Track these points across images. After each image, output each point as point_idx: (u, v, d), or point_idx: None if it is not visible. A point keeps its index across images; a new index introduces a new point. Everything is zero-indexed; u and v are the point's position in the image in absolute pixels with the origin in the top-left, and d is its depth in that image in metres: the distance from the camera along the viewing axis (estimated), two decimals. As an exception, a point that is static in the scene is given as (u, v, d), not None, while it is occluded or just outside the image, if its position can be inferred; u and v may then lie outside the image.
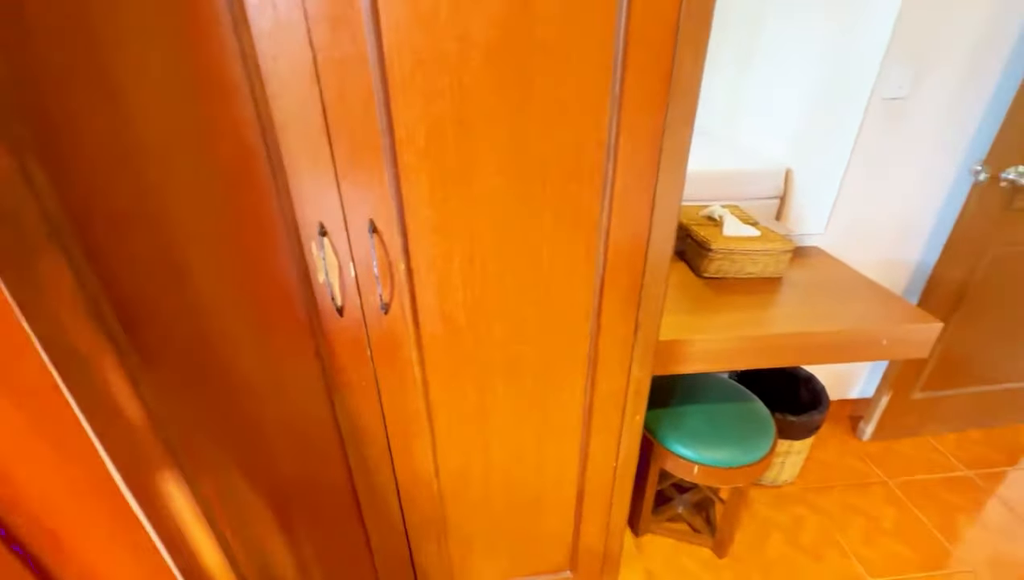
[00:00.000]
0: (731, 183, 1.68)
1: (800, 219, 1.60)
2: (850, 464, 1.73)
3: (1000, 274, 1.50)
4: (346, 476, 0.93)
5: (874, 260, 1.60)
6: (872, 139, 1.40)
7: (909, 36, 1.26)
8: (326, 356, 0.78)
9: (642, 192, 0.71)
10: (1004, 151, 1.30)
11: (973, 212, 1.38)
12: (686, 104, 0.65)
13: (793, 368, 1.65)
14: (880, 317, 1.15)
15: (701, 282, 1.30)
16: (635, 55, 0.61)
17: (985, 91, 1.35)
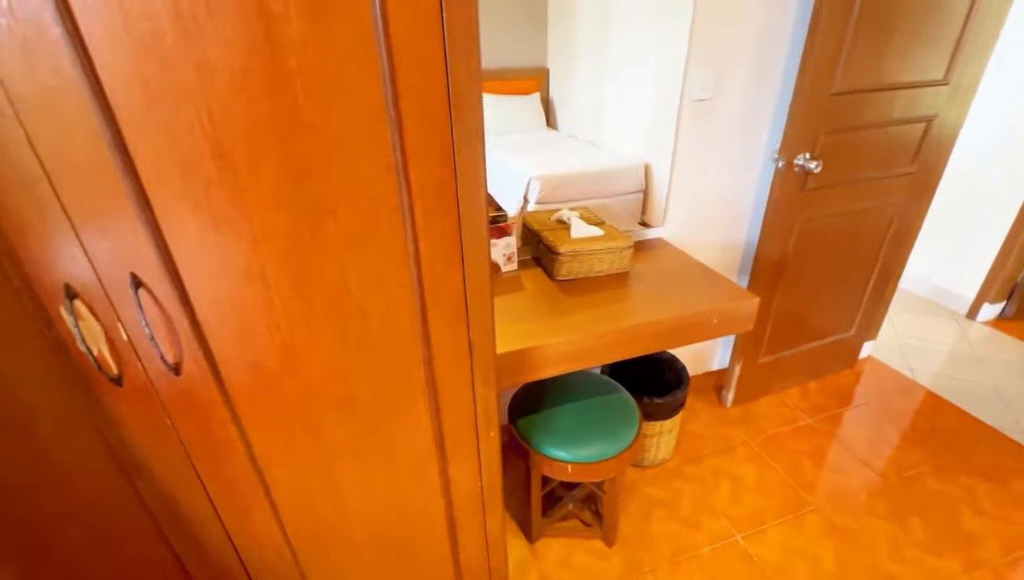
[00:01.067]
0: (600, 181, 1.77)
1: (655, 212, 1.72)
2: (718, 431, 1.90)
3: (806, 246, 1.73)
4: (175, 564, 0.81)
5: (711, 244, 1.76)
6: (689, 137, 1.54)
7: (704, 45, 1.41)
8: (111, 433, 0.67)
9: (445, 209, 0.69)
10: (793, 141, 1.49)
11: (777, 195, 1.57)
12: (471, 120, 0.65)
13: (654, 352, 1.77)
14: (710, 299, 1.27)
15: (555, 285, 1.34)
16: (405, 76, 0.59)
17: (772, 90, 1.55)
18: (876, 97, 1.53)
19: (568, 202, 1.70)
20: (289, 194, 0.61)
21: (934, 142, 1.73)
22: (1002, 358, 2.27)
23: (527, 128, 1.86)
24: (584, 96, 2.26)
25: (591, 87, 2.21)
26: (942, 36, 1.52)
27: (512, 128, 1.83)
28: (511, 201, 1.68)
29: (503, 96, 1.79)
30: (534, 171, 1.67)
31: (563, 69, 1.77)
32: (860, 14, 1.36)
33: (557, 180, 1.68)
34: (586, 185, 1.75)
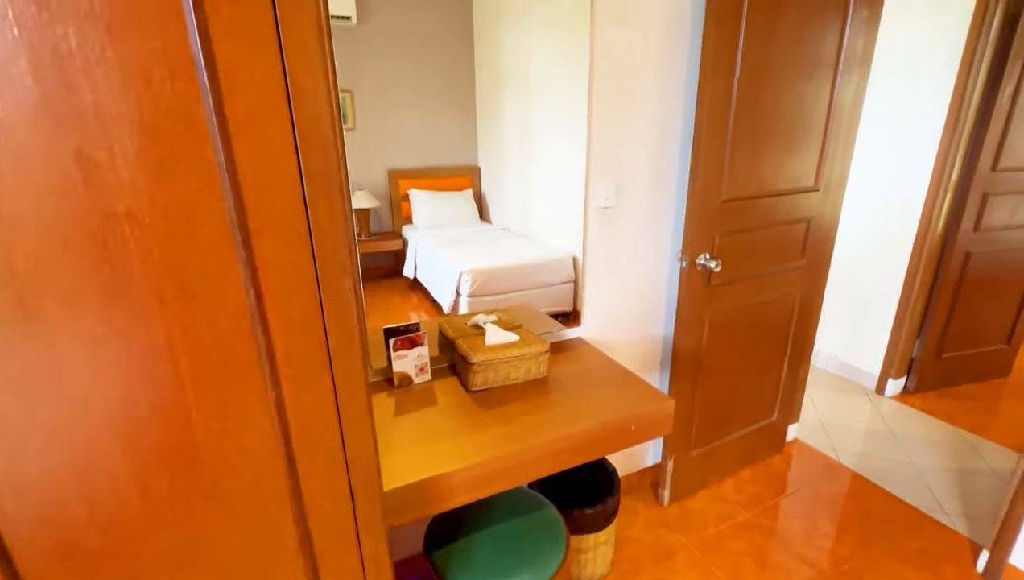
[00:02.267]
0: (531, 273, 1.78)
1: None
2: (656, 535, 1.81)
3: (719, 338, 1.79)
4: None
5: (629, 341, 1.79)
6: (599, 241, 1.61)
7: (603, 160, 1.52)
8: None
9: (311, 349, 0.63)
10: (692, 242, 1.59)
11: (685, 292, 1.64)
12: (339, 255, 0.62)
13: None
14: (628, 404, 1.24)
15: (470, 397, 1.28)
16: (255, 225, 0.56)
17: (670, 198, 1.68)
18: (761, 203, 1.69)
19: (500, 294, 1.69)
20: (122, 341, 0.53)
21: (816, 239, 1.91)
22: (913, 433, 2.38)
23: (461, 222, 1.89)
24: (513, 192, 2.35)
25: (519, 184, 2.31)
26: (807, 149, 1.74)
27: (447, 222, 1.85)
28: (445, 294, 1.65)
29: (438, 192, 1.82)
30: (466, 265, 1.66)
31: (493, 167, 1.84)
32: (734, 133, 1.53)
33: (488, 273, 1.68)
34: (517, 277, 1.76)
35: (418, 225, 1.66)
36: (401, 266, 1.56)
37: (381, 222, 1.48)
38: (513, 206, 2.42)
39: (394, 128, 1.39)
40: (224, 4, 0.49)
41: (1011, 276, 2.63)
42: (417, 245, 1.67)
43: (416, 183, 1.59)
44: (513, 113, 1.76)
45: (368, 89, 1.29)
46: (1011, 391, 2.74)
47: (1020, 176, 2.41)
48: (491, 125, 1.73)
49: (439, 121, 1.56)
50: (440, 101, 1.50)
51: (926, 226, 2.43)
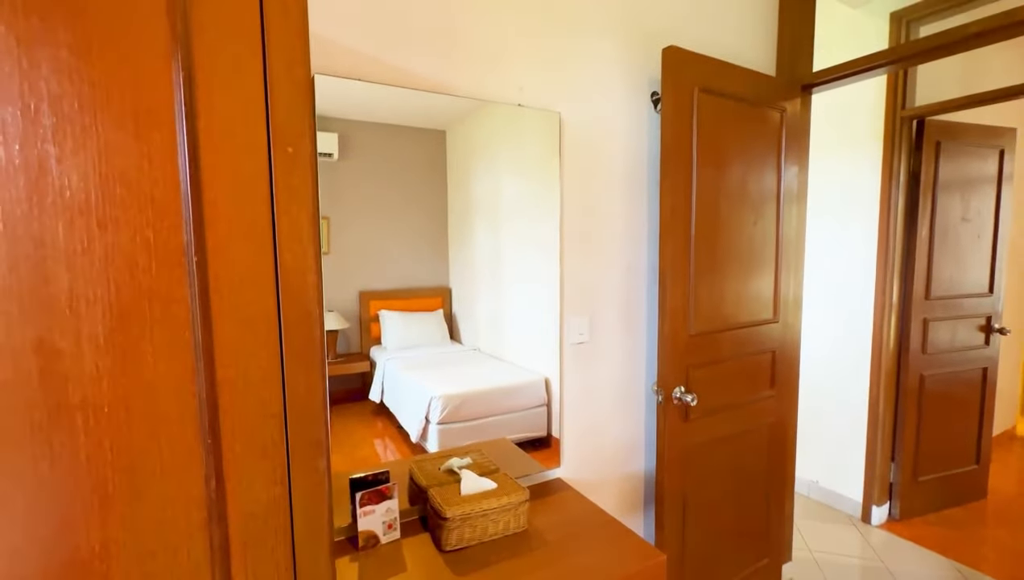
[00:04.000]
0: (503, 397, 1.71)
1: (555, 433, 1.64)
2: None
3: (700, 473, 1.73)
4: None
5: (611, 480, 1.70)
6: (575, 375, 1.60)
7: (575, 297, 1.57)
8: None
9: (276, 544, 0.56)
10: (666, 376, 1.60)
11: (663, 426, 1.61)
12: (314, 431, 0.57)
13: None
14: (616, 563, 1.14)
15: (443, 560, 1.14)
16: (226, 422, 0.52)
17: (641, 334, 1.72)
18: (728, 335, 1.75)
19: (472, 421, 1.61)
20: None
21: (782, 368, 1.96)
22: (909, 569, 2.26)
23: (431, 342, 1.85)
24: (484, 314, 2.36)
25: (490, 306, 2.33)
26: (763, 282, 1.85)
27: (417, 342, 1.81)
28: (413, 421, 1.56)
29: (409, 313, 1.80)
30: (437, 390, 1.60)
31: (465, 288, 1.86)
32: (696, 271, 1.63)
33: (460, 398, 1.62)
34: (489, 402, 1.69)
35: (387, 346, 1.63)
36: (367, 388, 1.49)
37: (349, 343, 1.44)
38: (484, 327, 2.43)
39: (368, 251, 1.42)
40: (222, 197, 0.50)
41: (966, 396, 2.73)
42: (385, 367, 1.62)
43: (387, 304, 1.59)
44: (484, 240, 1.84)
45: (345, 215, 1.34)
46: (992, 515, 2.69)
47: (951, 303, 2.63)
48: (462, 250, 1.80)
49: (412, 245, 1.61)
50: (413, 226, 1.56)
51: (879, 350, 2.55)
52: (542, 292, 1.68)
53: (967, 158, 2.59)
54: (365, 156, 1.38)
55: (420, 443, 1.51)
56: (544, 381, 1.88)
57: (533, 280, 1.74)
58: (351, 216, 1.37)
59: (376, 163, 1.41)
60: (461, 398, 1.65)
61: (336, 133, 1.32)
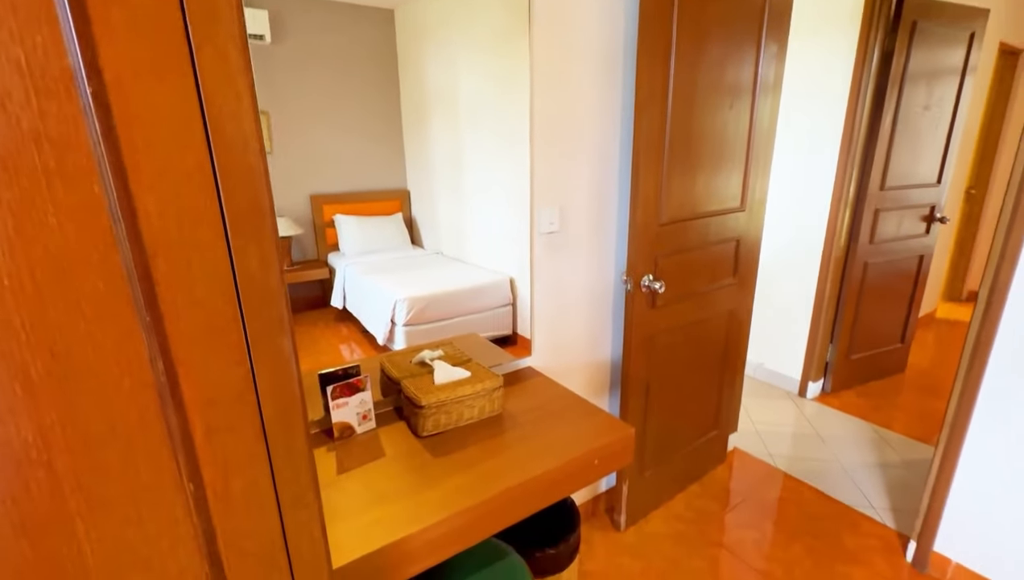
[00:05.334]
0: (468, 298, 1.70)
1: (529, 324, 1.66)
2: (617, 563, 1.76)
3: (665, 357, 1.81)
4: None
5: (580, 366, 1.76)
6: (545, 268, 1.57)
7: (546, 186, 1.49)
8: None
9: (243, 425, 0.52)
10: (635, 265, 1.60)
11: (632, 313, 1.65)
12: (272, 311, 0.51)
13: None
14: (589, 437, 1.19)
15: (421, 444, 1.17)
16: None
17: (612, 223, 1.69)
18: (696, 224, 1.74)
19: (438, 322, 1.60)
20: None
21: (744, 255, 2.01)
22: (836, 433, 2.55)
23: (391, 247, 1.79)
24: (446, 216, 2.28)
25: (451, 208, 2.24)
26: (733, 172, 1.83)
27: (376, 248, 1.74)
28: (379, 324, 1.54)
29: (366, 217, 1.72)
30: (401, 293, 1.56)
31: (423, 191, 1.76)
32: (670, 159, 1.57)
33: (425, 300, 1.59)
34: (455, 303, 1.68)
35: (346, 252, 1.55)
36: (328, 296, 1.43)
37: (304, 250, 1.37)
38: (446, 230, 2.35)
39: (316, 151, 1.30)
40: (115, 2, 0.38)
41: (901, 282, 2.94)
42: (346, 273, 1.56)
43: (342, 208, 1.49)
44: (442, 136, 1.71)
45: (285, 109, 1.20)
46: (908, 385, 3.04)
47: (902, 193, 2.72)
48: (419, 148, 1.67)
49: (364, 144, 1.48)
50: (364, 123, 1.42)
51: (831, 241, 2.65)
52: (508, 186, 1.60)
53: (938, 42, 2.53)
54: (303, 40, 1.19)
55: (387, 345, 1.49)
56: (509, 281, 1.86)
57: (497, 176, 1.64)
58: (292, 111, 1.22)
59: (316, 48, 1.22)
60: (427, 300, 1.62)
61: (266, 10, 1.12)
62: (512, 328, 1.71)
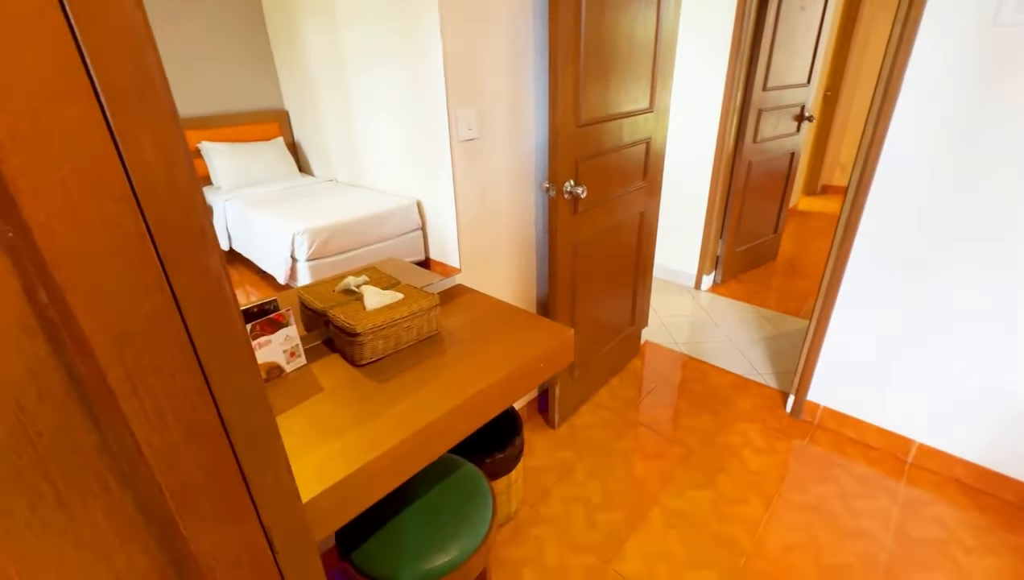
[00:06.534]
0: (374, 225, 1.58)
1: (443, 248, 1.59)
2: (555, 458, 1.90)
3: (587, 261, 1.86)
4: None
5: (508, 278, 1.75)
6: (465, 175, 1.48)
7: (461, 91, 1.37)
8: None
9: (174, 348, 0.42)
10: (557, 170, 1.57)
11: (554, 219, 1.64)
12: (187, 223, 0.40)
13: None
14: (531, 343, 1.21)
15: (360, 372, 1.10)
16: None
17: (531, 126, 1.61)
18: (610, 126, 1.73)
19: (344, 254, 1.49)
20: None
21: (653, 158, 2.06)
22: (726, 317, 2.89)
23: (275, 177, 1.58)
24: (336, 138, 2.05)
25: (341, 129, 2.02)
26: (643, 74, 1.81)
27: (258, 179, 1.53)
28: (276, 263, 1.39)
29: (239, 144, 1.48)
30: (298, 225, 1.41)
31: (305, 110, 1.54)
32: (585, 58, 1.51)
33: (327, 231, 1.45)
34: (360, 232, 1.56)
35: (221, 186, 1.36)
36: None
37: None
38: (338, 154, 2.13)
39: (169, 67, 1.05)
40: None
41: (775, 178, 3.26)
42: (226, 210, 1.37)
43: (207, 134, 1.29)
44: (318, 40, 1.49)
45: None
46: (780, 270, 3.49)
47: (781, 93, 2.93)
48: (292, 58, 1.44)
49: (218, 55, 1.24)
50: (216, 30, 1.18)
51: (722, 142, 2.83)
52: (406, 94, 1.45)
53: (814, -61, 2.62)
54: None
55: (290, 284, 1.36)
56: (416, 204, 1.75)
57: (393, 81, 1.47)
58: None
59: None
60: (329, 230, 1.47)
61: None
62: (424, 253, 1.63)
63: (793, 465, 1.83)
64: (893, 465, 1.82)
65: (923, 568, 1.45)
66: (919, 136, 1.51)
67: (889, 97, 1.53)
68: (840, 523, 1.60)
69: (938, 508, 1.64)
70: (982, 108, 1.39)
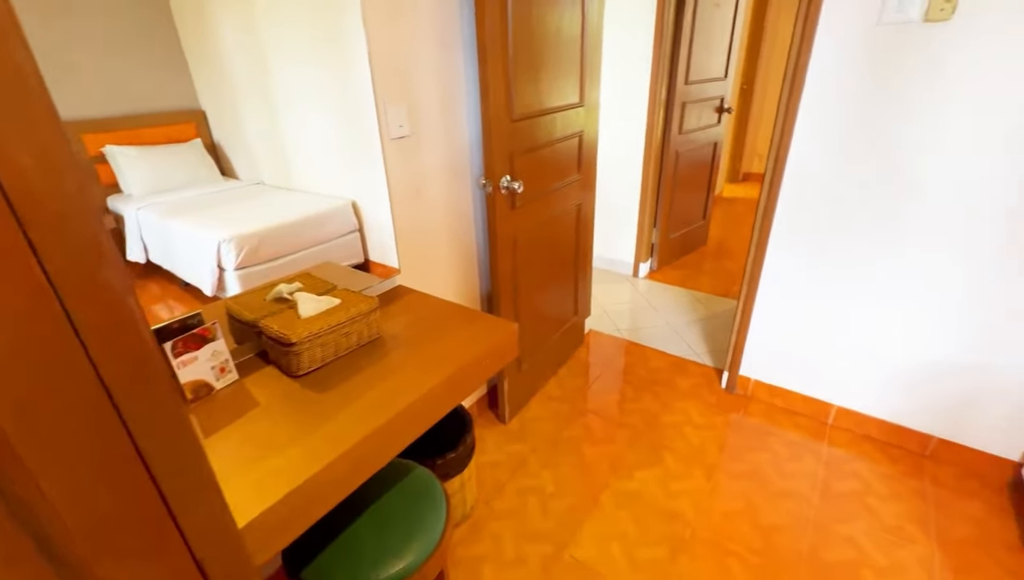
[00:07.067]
0: (308, 229, 1.51)
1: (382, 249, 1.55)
2: (507, 452, 1.91)
3: (528, 256, 1.88)
4: None
5: (450, 277, 1.73)
6: (400, 174, 1.45)
7: (390, 87, 1.33)
8: None
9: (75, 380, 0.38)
10: (493, 165, 1.57)
11: (493, 215, 1.64)
12: (82, 242, 0.36)
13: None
14: (475, 341, 1.20)
15: (298, 385, 1.05)
16: None
17: (464, 121, 1.60)
18: (544, 120, 1.76)
19: (277, 260, 1.42)
20: None
21: (586, 151, 2.11)
22: (663, 302, 3.02)
23: (196, 181, 1.47)
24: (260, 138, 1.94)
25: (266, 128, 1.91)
26: (572, 69, 1.85)
27: (175, 184, 1.42)
28: (202, 275, 1.29)
29: (150, 147, 1.36)
30: (224, 232, 1.32)
31: (225, 110, 1.45)
32: (514, 52, 1.51)
33: (256, 237, 1.37)
34: (293, 236, 1.49)
35: (132, 193, 1.26)
36: (122, 250, 1.16)
37: None
38: (264, 155, 2.02)
39: (57, 63, 0.96)
40: None
41: (701, 168, 3.44)
42: (140, 219, 1.27)
43: (111, 137, 1.20)
44: (235, 36, 1.40)
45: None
46: (710, 254, 3.69)
47: (702, 87, 3.09)
48: (206, 54, 1.35)
49: (123, 54, 1.14)
50: (118, 25, 1.09)
51: (651, 134, 2.94)
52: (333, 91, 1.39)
53: (723, -60, 2.77)
54: None
55: (218, 296, 1.27)
56: (351, 205, 1.69)
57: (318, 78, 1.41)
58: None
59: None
60: (258, 237, 1.39)
61: None
62: (363, 255, 1.59)
63: (730, 437, 1.95)
64: (817, 428, 1.98)
65: (845, 519, 1.59)
66: (822, 125, 1.64)
67: (795, 90, 1.65)
68: (773, 486, 1.72)
69: (856, 464, 1.80)
70: (873, 97, 1.53)
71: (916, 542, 1.51)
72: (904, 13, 1.41)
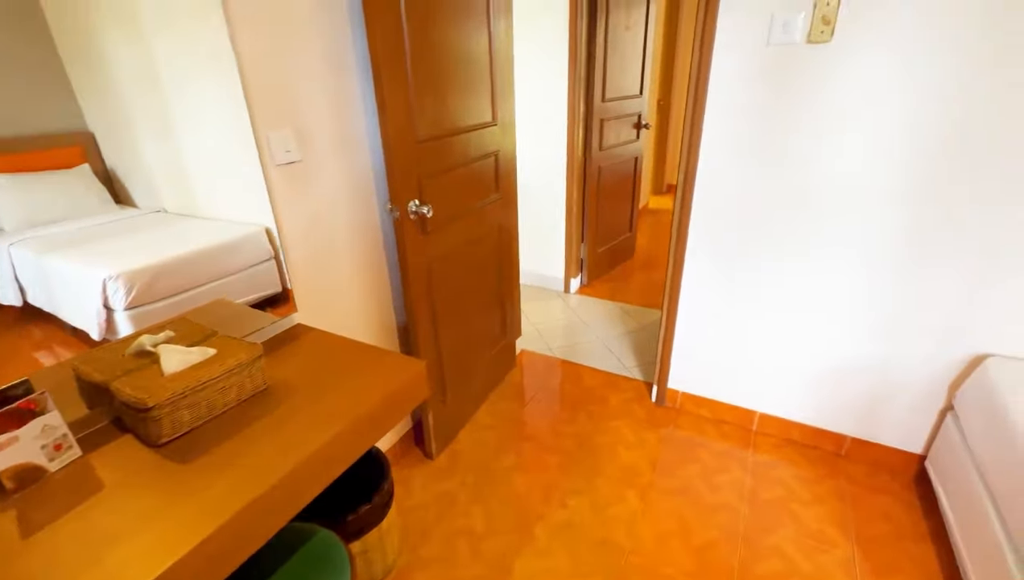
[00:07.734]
0: (214, 259, 1.34)
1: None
2: (434, 491, 1.79)
3: (445, 280, 1.79)
4: None
5: (359, 311, 1.61)
6: (294, 205, 1.33)
7: (270, 109, 1.21)
8: None
9: None
10: (398, 190, 1.48)
11: (403, 242, 1.54)
12: None
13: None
14: (377, 383, 1.09)
15: (160, 455, 0.90)
16: None
17: (364, 146, 1.50)
18: (454, 141, 1.69)
19: (177, 295, 1.25)
20: None
21: (504, 170, 2.07)
22: (593, 316, 3.03)
23: (85, 212, 1.27)
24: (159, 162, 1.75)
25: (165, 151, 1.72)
26: (482, 89, 1.80)
27: (58, 215, 1.21)
28: (88, 317, 1.10)
29: (26, 174, 1.16)
30: (109, 269, 1.14)
31: (117, 132, 1.27)
32: (413, 72, 1.44)
33: (150, 273, 1.20)
34: (195, 268, 1.32)
35: (4, 227, 1.08)
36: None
37: None
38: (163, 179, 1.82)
39: None
40: None
41: (624, 181, 3.51)
42: (12, 256, 1.08)
43: None
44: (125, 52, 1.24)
45: None
46: (638, 266, 3.77)
47: (620, 104, 3.16)
48: (92, 72, 1.18)
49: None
50: None
51: (572, 151, 2.96)
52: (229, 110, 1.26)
53: (630, -36, 2.87)
54: None
55: (109, 338, 1.10)
56: (265, 231, 1.55)
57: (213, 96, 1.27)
58: None
59: None
60: (152, 272, 1.22)
61: None
62: (281, 284, 1.44)
63: (662, 452, 1.94)
64: (743, 436, 2.01)
65: (772, 528, 1.60)
66: (726, 138, 1.68)
67: (698, 105, 1.68)
68: (704, 501, 1.71)
69: (780, 469, 1.84)
70: (768, 112, 1.59)
71: (838, 545, 1.54)
72: (789, 35, 1.47)
